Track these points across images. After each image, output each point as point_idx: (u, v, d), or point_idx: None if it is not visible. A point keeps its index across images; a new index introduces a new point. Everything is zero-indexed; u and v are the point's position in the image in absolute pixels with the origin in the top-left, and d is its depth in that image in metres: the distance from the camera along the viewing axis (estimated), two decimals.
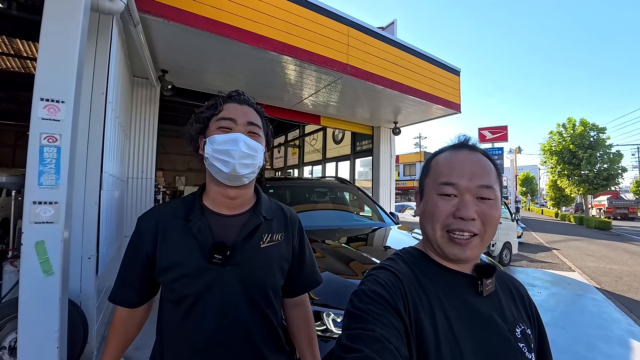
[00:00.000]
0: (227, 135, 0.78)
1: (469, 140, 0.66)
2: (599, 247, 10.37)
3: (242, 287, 0.80)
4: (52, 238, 1.59)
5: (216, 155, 0.77)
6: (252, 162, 0.80)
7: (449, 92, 5.31)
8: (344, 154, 8.44)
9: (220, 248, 0.77)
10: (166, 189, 10.32)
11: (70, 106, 1.62)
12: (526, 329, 0.62)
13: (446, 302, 0.58)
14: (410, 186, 27.52)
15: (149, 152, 4.20)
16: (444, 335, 0.54)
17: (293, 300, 0.98)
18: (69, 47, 1.63)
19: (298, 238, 0.95)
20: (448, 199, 0.60)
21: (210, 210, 0.83)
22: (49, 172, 1.58)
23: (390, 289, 0.56)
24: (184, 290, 0.77)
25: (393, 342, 0.48)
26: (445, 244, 0.60)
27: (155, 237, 0.79)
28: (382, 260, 0.67)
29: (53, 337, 1.55)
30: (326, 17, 3.80)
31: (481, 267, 0.63)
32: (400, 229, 3.04)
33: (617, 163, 20.59)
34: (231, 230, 0.82)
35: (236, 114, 0.81)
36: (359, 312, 0.53)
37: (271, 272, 0.85)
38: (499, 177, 0.63)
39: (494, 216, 0.59)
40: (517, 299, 0.68)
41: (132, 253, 0.83)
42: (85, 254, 2.24)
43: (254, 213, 0.86)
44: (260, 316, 0.83)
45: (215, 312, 0.77)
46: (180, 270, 0.77)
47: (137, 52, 3.09)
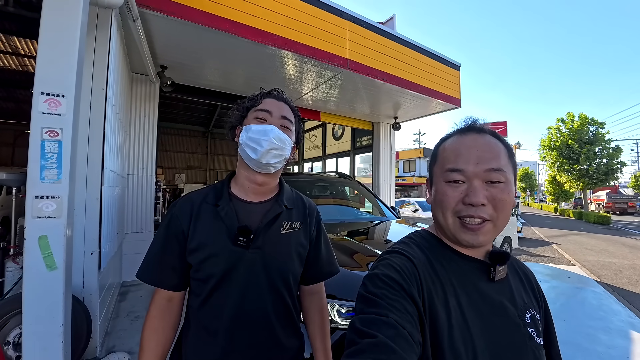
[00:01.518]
0: (261, 126, 0.85)
1: (476, 123, 0.64)
2: (598, 241, 10.41)
3: (264, 269, 0.85)
4: (55, 233, 1.58)
5: (249, 143, 0.84)
6: (279, 153, 0.86)
7: (449, 86, 5.29)
8: (343, 150, 8.43)
9: (245, 231, 0.83)
10: (166, 186, 10.30)
11: (71, 100, 1.61)
12: (535, 314, 0.62)
13: (459, 288, 0.58)
14: (410, 182, 27.53)
15: (149, 149, 4.19)
16: (456, 321, 0.54)
17: (309, 288, 1.02)
18: (68, 40, 1.62)
19: (315, 227, 1.00)
20: (456, 186, 0.59)
21: (237, 197, 0.90)
22: (51, 167, 1.58)
23: (405, 274, 0.55)
24: (211, 270, 0.82)
25: (407, 328, 0.48)
26: (457, 230, 0.59)
27: (190, 218, 0.85)
28: (395, 244, 0.66)
29: (57, 331, 1.56)
30: (326, 11, 3.78)
31: (495, 254, 0.62)
32: (402, 223, 3.04)
33: (616, 158, 20.59)
34: (255, 216, 0.88)
35: (273, 107, 0.89)
36: (373, 297, 0.52)
37: (290, 257, 0.90)
38: (510, 159, 0.60)
39: (506, 200, 0.57)
40: (527, 284, 0.68)
41: (168, 235, 0.85)
42: (88, 250, 2.24)
43: (277, 202, 0.92)
44: (278, 299, 0.88)
45: (238, 291, 0.83)
46: (208, 250, 0.82)
47: (136, 48, 3.07)
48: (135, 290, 3.78)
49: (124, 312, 3.15)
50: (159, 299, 0.85)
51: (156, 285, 0.85)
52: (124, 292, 3.70)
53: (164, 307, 0.85)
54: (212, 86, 4.77)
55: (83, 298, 2.18)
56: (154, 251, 0.86)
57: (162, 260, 0.85)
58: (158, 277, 0.85)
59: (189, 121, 11.61)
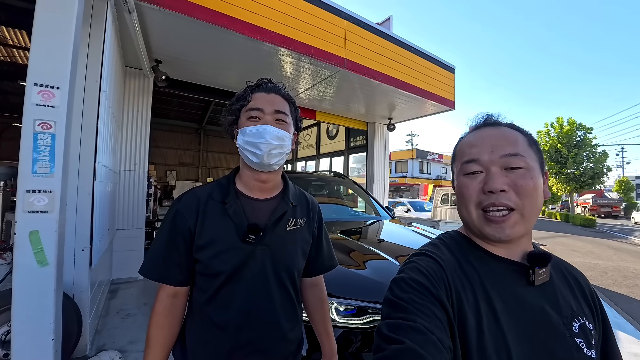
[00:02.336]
0: (255, 128, 0.83)
1: (491, 118, 0.63)
2: (584, 243, 10.65)
3: (271, 265, 0.87)
4: (47, 228, 1.54)
5: (246, 147, 0.84)
6: (279, 151, 0.85)
7: (443, 88, 5.34)
8: (338, 150, 8.44)
9: (254, 229, 0.83)
10: (157, 182, 10.15)
11: (65, 92, 1.57)
12: (587, 323, 0.57)
13: (492, 292, 0.54)
14: (402, 183, 27.73)
15: (142, 145, 4.12)
16: (487, 328, 0.51)
17: (310, 281, 1.05)
18: (64, 31, 1.58)
19: (317, 223, 1.02)
20: (474, 177, 0.57)
21: (244, 194, 0.89)
22: (43, 160, 1.54)
23: (432, 277, 0.53)
24: (220, 266, 0.82)
25: (436, 334, 0.46)
26: (482, 224, 0.56)
27: (197, 214, 0.84)
28: (423, 245, 0.64)
29: (48, 329, 1.52)
30: (324, 10, 3.77)
31: (534, 255, 0.57)
32: (396, 223, 3.06)
33: (603, 162, 21.11)
34: (262, 213, 0.88)
35: (264, 103, 0.85)
36: (400, 301, 0.51)
37: (295, 253, 0.92)
38: (532, 146, 0.58)
39: (528, 185, 0.54)
40: (577, 290, 0.62)
41: (173, 230, 0.83)
42: (79, 246, 2.19)
43: (283, 199, 0.93)
44: (285, 293, 0.90)
45: (246, 287, 0.84)
46: (218, 247, 0.82)
47: (131, 41, 3.02)
48: (126, 287, 3.72)
49: (114, 310, 3.09)
50: (164, 295, 0.84)
51: (162, 282, 0.84)
52: (114, 290, 3.63)
53: (169, 304, 0.84)
54: (207, 82, 4.71)
55: (73, 295, 2.14)
56: (158, 247, 0.84)
57: (168, 256, 0.83)
58: (164, 274, 0.83)
59: (182, 117, 11.46)
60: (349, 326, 1.47)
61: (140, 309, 3.13)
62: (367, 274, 1.71)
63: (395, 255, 1.92)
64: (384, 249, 2.05)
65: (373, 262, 1.86)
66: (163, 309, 0.83)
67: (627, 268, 6.67)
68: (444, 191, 9.85)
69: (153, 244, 0.86)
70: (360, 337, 1.48)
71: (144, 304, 3.26)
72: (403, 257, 1.93)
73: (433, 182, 26.82)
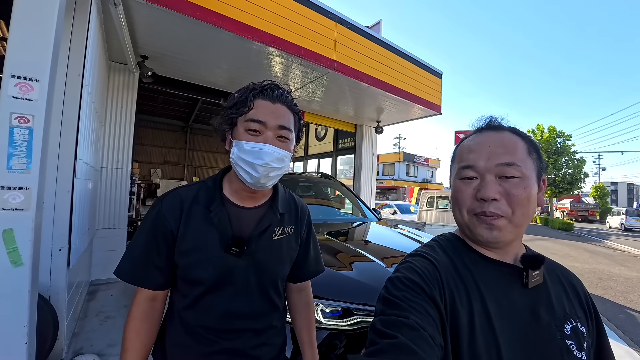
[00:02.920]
0: (254, 145, 0.75)
1: (494, 121, 0.63)
2: (562, 246, 11.03)
3: (255, 275, 0.83)
4: (22, 226, 1.47)
5: (241, 164, 0.76)
6: (277, 173, 0.80)
7: (430, 93, 5.44)
8: (326, 151, 8.45)
9: (238, 242, 0.79)
10: (141, 181, 9.90)
11: (45, 85, 1.51)
12: (579, 325, 0.58)
13: (486, 293, 0.55)
14: (389, 185, 28.03)
15: (126, 142, 4.01)
16: (480, 327, 0.52)
17: (296, 286, 1.02)
18: (44, 21, 1.52)
19: (306, 229, 0.99)
20: (469, 182, 0.58)
21: (230, 201, 0.84)
22: (20, 155, 1.47)
23: (426, 277, 0.55)
24: (201, 274, 0.78)
25: (428, 330, 0.47)
26: (473, 225, 0.58)
27: (180, 216, 0.79)
28: (420, 247, 0.66)
29: (21, 332, 1.45)
30: (315, 11, 3.78)
31: (527, 258, 0.59)
32: (383, 225, 3.09)
33: (580, 169, 21.96)
34: (248, 223, 0.84)
35: (267, 115, 0.76)
36: (394, 299, 0.52)
37: (281, 262, 0.88)
38: (531, 154, 0.58)
39: (520, 195, 0.55)
40: (571, 293, 0.63)
41: (154, 232, 0.78)
42: (56, 246, 2.11)
43: (271, 208, 0.87)
44: (267, 300, 0.87)
45: (227, 295, 0.81)
46: (200, 255, 0.78)
47: (116, 35, 2.94)
48: (106, 289, 3.61)
49: (92, 312, 2.99)
50: (142, 299, 0.80)
51: (140, 286, 0.79)
52: (93, 291, 3.51)
53: (147, 308, 0.80)
54: (194, 80, 4.63)
55: (49, 297, 2.05)
56: (137, 248, 0.79)
57: (147, 258, 0.78)
58: (142, 277, 0.79)
59: (168, 115, 11.21)
60: (334, 328, 1.47)
61: (120, 310, 3.04)
62: (354, 276, 1.71)
63: (381, 256, 1.93)
64: (371, 251, 2.06)
65: (359, 263, 1.87)
66: (140, 313, 0.79)
67: (602, 270, 6.94)
68: (429, 194, 10.00)
69: (131, 244, 0.80)
70: (346, 339, 1.48)
71: (124, 305, 3.16)
72: (389, 258, 1.94)
73: (419, 185, 27.24)
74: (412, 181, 28.64)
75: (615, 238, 14.91)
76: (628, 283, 5.86)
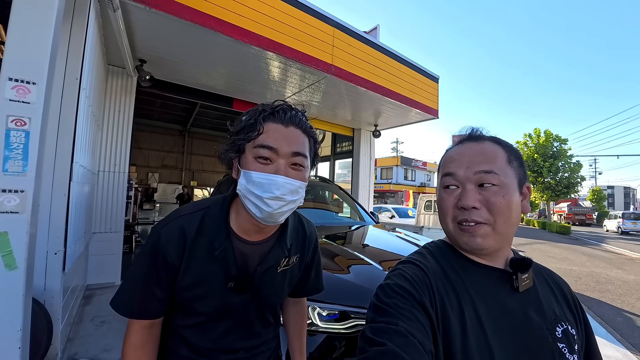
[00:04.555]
0: (264, 176, 0.67)
1: (474, 131, 0.64)
2: (560, 250, 11.04)
3: (256, 309, 0.81)
4: (17, 229, 1.46)
5: (250, 197, 0.68)
6: (291, 207, 0.72)
7: (427, 97, 5.48)
8: (324, 155, 8.46)
9: (242, 280, 0.76)
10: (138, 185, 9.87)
11: (42, 88, 1.51)
12: (569, 328, 0.58)
13: (476, 298, 0.56)
14: (387, 189, 28.05)
15: (123, 145, 4.01)
16: (472, 332, 0.52)
17: (293, 299, 1.02)
18: (42, 24, 1.52)
19: (312, 254, 0.94)
20: (451, 191, 0.60)
21: (237, 235, 0.77)
22: (16, 158, 1.46)
23: (416, 283, 0.55)
24: (202, 309, 0.76)
25: (417, 337, 0.47)
26: (457, 234, 0.59)
27: (182, 251, 0.72)
28: (410, 254, 0.66)
29: (15, 336, 1.43)
30: (313, 16, 3.81)
31: (516, 261, 0.59)
32: (380, 228, 3.09)
33: (577, 172, 22.08)
34: (253, 257, 0.78)
35: (279, 142, 0.68)
36: (384, 306, 0.52)
37: (282, 290, 0.86)
38: (511, 163, 0.59)
39: (499, 203, 0.55)
40: (560, 296, 0.64)
41: (154, 266, 0.72)
42: (52, 249, 2.09)
43: (279, 243, 0.81)
44: (265, 324, 0.86)
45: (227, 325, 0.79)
46: (201, 290, 0.74)
47: (115, 39, 2.95)
48: (101, 293, 3.58)
49: (88, 316, 2.96)
50: (139, 328, 0.74)
51: (140, 319, 0.74)
52: (88, 296, 3.48)
53: (146, 335, 0.75)
54: (192, 83, 4.65)
55: (44, 301, 2.03)
56: (136, 281, 0.73)
57: (147, 291, 0.73)
58: (143, 310, 0.74)
59: (166, 118, 11.22)
60: (331, 331, 1.47)
61: (115, 315, 3.01)
62: (351, 279, 1.71)
63: (379, 260, 1.93)
64: (368, 254, 2.05)
65: (357, 266, 1.86)
66: (140, 342, 0.74)
67: (600, 274, 6.95)
68: (427, 197, 10.03)
69: (130, 276, 0.75)
70: (344, 343, 1.47)
71: None
72: (387, 262, 1.94)
73: (417, 188, 27.29)
74: (409, 185, 28.69)
75: (613, 241, 14.96)
76: (625, 286, 5.87)
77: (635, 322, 3.98)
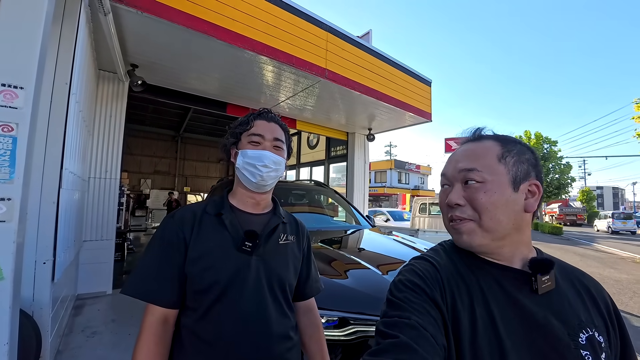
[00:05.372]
0: (256, 152, 0.91)
1: (476, 132, 0.65)
2: (552, 250, 11.16)
3: (265, 276, 0.88)
4: (4, 238, 1.41)
5: (247, 167, 0.90)
6: (275, 175, 0.93)
7: (420, 101, 5.52)
8: (318, 159, 8.46)
9: (252, 235, 0.86)
10: (130, 191, 9.72)
11: (30, 93, 1.47)
12: (596, 335, 0.54)
13: (490, 297, 0.55)
14: (382, 192, 28.13)
15: (115, 151, 3.94)
16: (483, 331, 0.51)
17: (304, 305, 1.04)
18: (31, 27, 1.49)
19: (307, 244, 1.07)
20: (444, 190, 0.63)
21: (238, 208, 0.94)
22: (3, 165, 1.41)
23: (427, 278, 0.56)
24: (214, 277, 0.82)
25: (429, 330, 0.48)
26: (450, 231, 0.62)
27: (192, 226, 0.85)
28: (426, 251, 0.68)
29: (2, 350, 1.37)
30: (306, 21, 3.82)
31: (536, 262, 0.56)
32: (376, 232, 3.07)
33: (567, 174, 22.47)
34: (256, 225, 0.92)
35: (265, 130, 0.93)
36: (397, 300, 0.54)
37: (287, 266, 0.94)
38: (504, 159, 0.58)
39: (480, 199, 0.56)
40: (588, 299, 0.59)
41: (167, 243, 0.83)
42: (40, 259, 2.03)
43: (275, 214, 0.99)
44: (278, 307, 0.89)
45: (241, 298, 0.83)
46: (213, 257, 0.83)
47: (105, 43, 2.91)
48: (92, 303, 3.49)
49: (78, 327, 2.88)
50: (154, 321, 0.78)
51: (153, 302, 0.79)
52: (79, 306, 3.39)
53: (161, 331, 0.79)
54: (185, 88, 4.61)
55: (32, 312, 1.96)
56: (149, 262, 0.82)
57: (160, 271, 0.81)
58: (155, 291, 0.79)
59: (158, 124, 11.12)
60: (330, 338, 1.44)
61: (107, 325, 2.93)
62: (349, 284, 1.68)
63: (377, 264, 1.91)
64: (366, 258, 2.03)
65: (355, 271, 1.84)
66: (153, 336, 0.77)
67: (592, 273, 7.03)
68: (422, 200, 10.07)
69: (142, 260, 0.83)
70: (342, 349, 1.45)
71: (112, 320, 3.05)
72: (385, 265, 1.92)
73: (411, 191, 27.43)
74: (404, 188, 28.83)
75: (603, 241, 15.19)
76: (618, 285, 5.94)
77: (630, 322, 4.02)
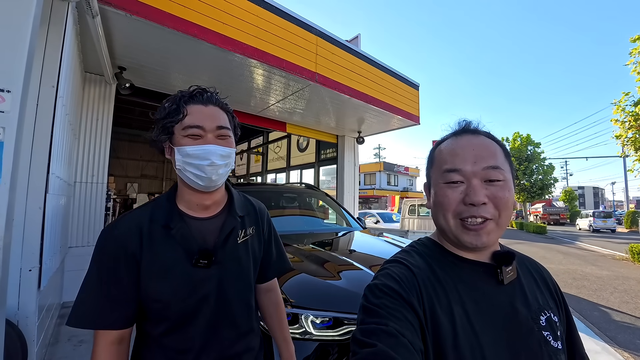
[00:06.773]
0: (198, 148, 0.75)
1: (470, 124, 0.63)
2: (537, 249, 11.46)
3: (227, 282, 0.82)
4: None
5: (189, 169, 0.75)
6: (226, 170, 0.80)
7: (409, 104, 5.62)
8: (308, 162, 8.47)
9: (205, 254, 0.77)
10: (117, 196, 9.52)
11: (17, 96, 1.44)
12: (552, 315, 0.59)
13: (465, 295, 0.56)
14: (371, 195, 28.34)
15: (101, 155, 3.87)
16: (462, 329, 0.52)
17: (265, 286, 1.01)
18: (18, 30, 1.46)
19: (267, 228, 0.99)
20: (455, 186, 0.58)
21: (188, 215, 0.82)
22: None
23: (403, 283, 0.55)
24: (175, 296, 0.75)
25: (407, 336, 0.48)
26: (460, 232, 0.57)
27: (140, 238, 0.74)
28: (397, 253, 0.66)
29: None
30: (296, 25, 3.86)
31: (499, 255, 0.60)
32: (367, 233, 3.11)
33: (550, 174, 23.14)
34: (210, 233, 0.82)
35: (204, 119, 0.77)
36: (373, 307, 0.52)
37: (248, 263, 0.88)
38: (507, 158, 0.60)
39: (506, 198, 0.56)
40: (542, 284, 0.64)
41: (110, 260, 0.72)
42: (26, 266, 1.97)
43: (230, 213, 0.87)
44: (244, 304, 0.87)
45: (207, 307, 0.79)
46: (169, 276, 0.75)
47: (93, 46, 2.86)
48: None
49: (65, 336, 2.80)
50: (107, 344, 0.71)
51: (106, 329, 0.70)
52: (65, 314, 3.29)
53: (115, 353, 0.71)
54: (174, 91, 4.47)
55: (17, 321, 1.91)
56: (92, 288, 0.71)
57: (107, 294, 0.71)
58: (105, 318, 0.70)
59: (146, 127, 10.86)
60: (325, 339, 1.45)
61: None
62: (342, 285, 1.71)
63: (368, 264, 1.94)
64: (358, 259, 2.06)
65: (347, 272, 1.86)
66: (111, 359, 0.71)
67: (575, 270, 7.26)
68: (411, 202, 10.20)
69: (84, 287, 0.72)
70: (337, 349, 1.46)
71: None
72: (376, 266, 1.95)
73: (400, 193, 27.73)
74: (393, 190, 29.12)
75: (585, 239, 15.69)
76: (600, 282, 6.15)
77: (611, 316, 4.17)
